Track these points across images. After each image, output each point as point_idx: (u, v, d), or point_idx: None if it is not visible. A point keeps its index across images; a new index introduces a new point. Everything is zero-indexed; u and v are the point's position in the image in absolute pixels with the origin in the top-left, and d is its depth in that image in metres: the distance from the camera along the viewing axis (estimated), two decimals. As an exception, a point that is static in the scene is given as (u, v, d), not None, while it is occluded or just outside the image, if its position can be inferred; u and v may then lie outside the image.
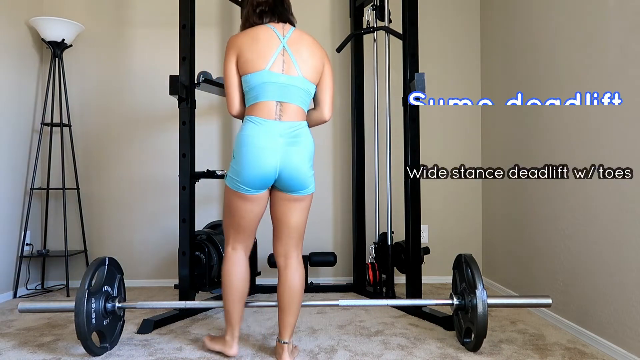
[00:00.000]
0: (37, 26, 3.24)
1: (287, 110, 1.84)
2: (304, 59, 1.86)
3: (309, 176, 1.89)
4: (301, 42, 1.88)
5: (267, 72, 1.82)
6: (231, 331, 1.96)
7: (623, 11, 1.93)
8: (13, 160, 3.18)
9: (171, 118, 3.37)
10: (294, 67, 1.84)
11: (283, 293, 1.92)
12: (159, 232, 3.48)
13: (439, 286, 3.33)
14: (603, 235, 2.04)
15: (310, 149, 1.89)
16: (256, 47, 1.83)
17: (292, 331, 1.93)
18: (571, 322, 2.27)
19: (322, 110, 1.97)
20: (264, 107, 1.83)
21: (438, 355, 1.99)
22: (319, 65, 1.90)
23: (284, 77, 1.83)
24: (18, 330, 2.40)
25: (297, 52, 1.86)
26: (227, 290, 1.94)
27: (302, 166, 1.85)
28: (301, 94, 1.87)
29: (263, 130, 1.81)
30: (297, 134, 1.85)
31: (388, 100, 2.99)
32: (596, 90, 2.02)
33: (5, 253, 3.09)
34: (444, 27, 3.59)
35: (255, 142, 1.80)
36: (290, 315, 1.91)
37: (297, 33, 1.90)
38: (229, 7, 3.49)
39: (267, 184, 1.86)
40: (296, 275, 1.93)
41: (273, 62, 1.82)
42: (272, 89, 1.82)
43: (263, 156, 1.80)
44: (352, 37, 3.21)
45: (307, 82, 1.87)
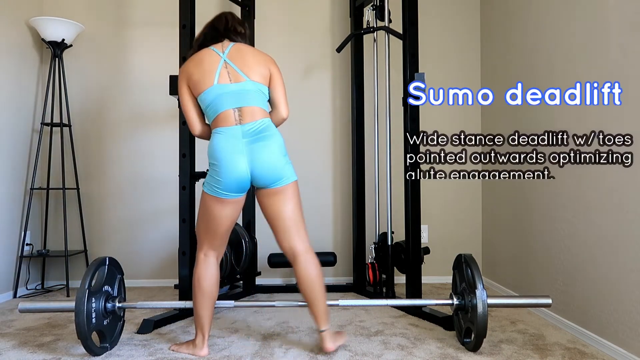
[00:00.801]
0: (37, 26, 3.24)
1: (245, 113, 1.93)
2: (248, 65, 1.96)
3: (282, 165, 1.94)
4: (241, 52, 1.99)
5: (217, 86, 1.93)
6: (201, 334, 2.00)
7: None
8: (13, 160, 3.18)
9: (171, 118, 3.37)
10: (239, 75, 1.94)
11: (301, 286, 1.97)
12: (159, 232, 3.48)
13: (439, 286, 3.33)
14: (603, 235, 2.04)
15: (276, 140, 1.95)
16: (201, 68, 1.95)
17: (325, 318, 1.96)
18: (571, 322, 2.27)
19: (278, 109, 2.04)
20: (224, 116, 1.93)
21: (438, 355, 1.99)
22: (263, 69, 1.98)
23: (232, 85, 1.93)
24: (18, 330, 2.40)
25: (239, 61, 1.95)
26: (198, 294, 1.99)
27: (271, 158, 1.91)
28: (255, 95, 1.95)
29: (226, 136, 1.91)
30: (259, 130, 1.92)
31: (388, 100, 2.99)
32: (596, 80, 2.02)
33: (5, 253, 3.09)
34: (444, 25, 3.59)
35: (223, 148, 1.90)
36: (315, 305, 1.96)
37: (236, 46, 2.00)
38: (228, 8, 3.47)
39: (243, 186, 1.93)
40: (307, 265, 1.97)
41: (219, 76, 1.93)
42: (226, 98, 1.93)
43: (232, 160, 1.89)
44: (352, 37, 3.21)
45: (256, 84, 1.96)
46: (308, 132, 3.52)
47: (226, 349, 2.08)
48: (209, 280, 2.00)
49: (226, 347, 2.10)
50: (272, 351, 2.04)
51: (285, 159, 1.96)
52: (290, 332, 2.32)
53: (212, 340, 2.16)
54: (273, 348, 2.08)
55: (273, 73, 2.01)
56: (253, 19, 3.28)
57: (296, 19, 3.59)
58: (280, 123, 2.05)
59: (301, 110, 3.56)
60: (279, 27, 3.57)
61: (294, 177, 1.99)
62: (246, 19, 3.26)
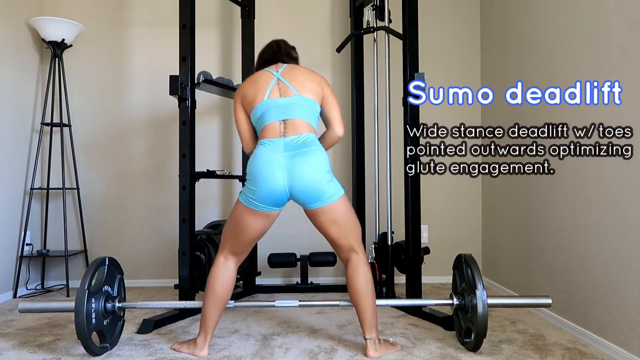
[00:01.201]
0: (37, 26, 3.24)
1: (291, 126, 1.92)
2: (300, 82, 1.98)
3: (325, 183, 1.89)
4: (294, 71, 2.03)
5: (267, 100, 1.95)
6: (204, 335, 1.99)
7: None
8: (13, 160, 3.18)
9: (171, 118, 3.37)
10: (290, 90, 1.96)
11: (350, 292, 1.99)
12: (159, 232, 3.48)
13: (439, 286, 3.33)
14: (603, 235, 2.03)
15: (320, 155, 1.92)
16: (255, 87, 2.00)
17: (370, 326, 1.96)
18: (571, 322, 2.27)
19: (333, 127, 2.04)
20: (269, 128, 1.93)
21: (438, 355, 1.99)
22: (316, 87, 2.00)
23: (282, 99, 1.95)
24: (18, 330, 2.40)
25: (291, 79, 1.98)
26: (209, 295, 1.99)
27: (311, 174, 1.87)
28: (303, 109, 1.95)
29: (269, 148, 1.90)
30: (302, 143, 1.89)
31: (388, 100, 2.99)
32: (596, 79, 2.01)
33: (5, 253, 3.09)
34: (444, 24, 3.59)
35: (262, 159, 1.89)
36: (361, 313, 1.97)
37: (289, 66, 2.05)
38: (229, 7, 3.49)
39: (279, 200, 1.90)
40: (355, 275, 1.97)
41: (270, 91, 1.96)
42: (274, 111, 1.94)
43: (270, 171, 1.86)
44: (352, 37, 3.21)
45: (307, 99, 1.96)
46: (308, 132, 3.52)
47: (226, 349, 2.08)
48: (224, 284, 1.99)
49: (226, 347, 2.10)
50: (272, 351, 2.04)
51: (328, 176, 1.91)
52: (290, 332, 2.32)
53: (212, 340, 2.16)
54: (273, 348, 2.08)
55: (326, 93, 2.02)
56: (253, 19, 3.28)
57: (296, 19, 3.59)
58: (335, 142, 2.06)
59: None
60: (279, 27, 3.56)
61: (339, 194, 1.93)
62: (246, 19, 3.26)
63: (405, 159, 2.52)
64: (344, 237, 1.96)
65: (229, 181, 3.50)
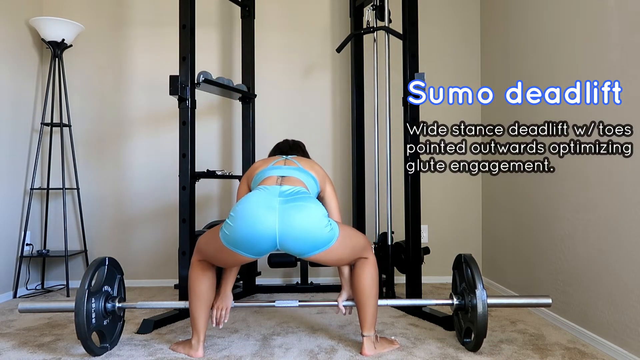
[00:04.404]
0: (37, 26, 3.24)
1: (289, 180, 1.96)
2: (305, 162, 2.09)
3: (323, 227, 1.78)
4: (303, 158, 2.14)
5: (270, 167, 2.03)
6: (197, 336, 1.99)
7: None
8: (13, 160, 3.18)
9: (171, 118, 3.37)
10: (294, 163, 2.06)
11: (354, 289, 2.02)
12: (159, 232, 3.48)
13: (439, 286, 3.33)
14: (603, 235, 2.04)
15: (316, 202, 1.84)
16: (264, 162, 2.10)
17: (368, 324, 1.98)
18: (571, 322, 2.27)
19: (332, 215, 2.06)
20: (266, 180, 1.97)
21: (438, 355, 1.99)
22: (320, 173, 2.09)
23: (284, 167, 2.02)
24: (18, 330, 2.40)
25: (299, 160, 2.10)
26: (192, 297, 1.99)
27: (306, 221, 1.75)
28: (303, 175, 2.00)
29: (262, 192, 1.85)
30: (298, 191, 1.87)
31: (388, 100, 2.99)
32: (596, 79, 2.02)
33: (5, 253, 3.09)
34: (444, 24, 3.59)
35: (253, 199, 1.81)
36: (362, 310, 1.99)
37: (299, 155, 2.20)
38: (229, 7, 3.49)
39: (262, 247, 1.76)
40: (361, 274, 1.99)
41: (276, 162, 2.06)
42: (274, 171, 2.00)
43: (259, 212, 1.74)
44: (352, 37, 3.21)
45: (309, 173, 2.03)
46: (308, 132, 3.51)
47: (226, 349, 2.08)
48: (204, 285, 1.98)
49: (226, 347, 2.10)
50: (272, 351, 2.04)
51: (326, 220, 1.80)
52: (290, 332, 2.32)
53: (212, 340, 2.17)
54: (273, 348, 2.08)
55: (328, 183, 2.11)
56: (253, 19, 3.28)
57: (296, 19, 3.59)
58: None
59: (301, 111, 3.57)
60: (279, 27, 3.57)
61: (336, 234, 1.83)
62: (246, 19, 3.26)
63: (405, 157, 2.52)
64: (353, 257, 1.99)
65: (229, 181, 3.50)
